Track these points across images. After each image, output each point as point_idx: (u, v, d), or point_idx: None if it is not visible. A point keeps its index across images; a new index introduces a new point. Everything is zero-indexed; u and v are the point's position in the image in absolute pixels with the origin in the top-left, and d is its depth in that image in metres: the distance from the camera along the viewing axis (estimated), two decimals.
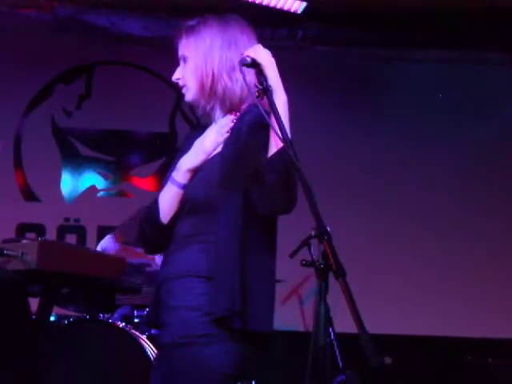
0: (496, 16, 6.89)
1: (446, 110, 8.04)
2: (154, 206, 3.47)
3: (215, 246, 3.31)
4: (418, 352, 7.68)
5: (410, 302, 7.77)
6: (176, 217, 3.42)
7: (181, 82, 3.49)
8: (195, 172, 3.40)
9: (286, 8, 6.72)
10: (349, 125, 7.82)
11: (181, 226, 3.41)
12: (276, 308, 3.36)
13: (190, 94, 3.46)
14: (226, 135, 3.39)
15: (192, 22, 3.47)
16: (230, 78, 3.40)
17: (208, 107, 3.47)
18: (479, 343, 7.79)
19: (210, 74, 3.43)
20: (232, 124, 3.40)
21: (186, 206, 3.39)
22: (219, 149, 3.39)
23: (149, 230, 3.50)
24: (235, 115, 3.42)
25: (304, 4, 6.79)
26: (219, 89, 3.41)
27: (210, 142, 3.41)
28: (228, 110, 3.45)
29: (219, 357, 3.27)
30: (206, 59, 3.44)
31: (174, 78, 3.48)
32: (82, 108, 7.89)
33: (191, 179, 3.38)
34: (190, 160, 3.41)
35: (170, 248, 3.43)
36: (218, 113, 3.46)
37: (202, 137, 3.44)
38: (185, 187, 3.38)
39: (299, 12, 6.77)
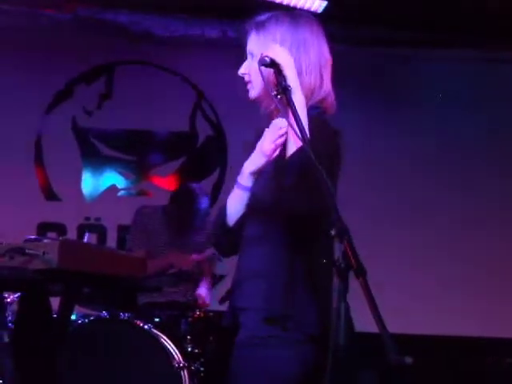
0: None
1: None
2: (223, 210, 3.48)
3: (269, 249, 3.33)
4: (439, 352, 7.67)
5: (433, 301, 7.77)
6: (243, 219, 3.43)
7: (246, 78, 3.44)
8: (258, 174, 3.38)
9: (306, 7, 6.73)
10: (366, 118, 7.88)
11: (248, 228, 3.41)
12: None
13: (254, 92, 3.42)
14: (282, 136, 3.36)
15: (263, 17, 3.42)
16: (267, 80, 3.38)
17: (272, 106, 3.44)
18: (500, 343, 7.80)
19: (264, 76, 3.39)
20: (282, 124, 3.37)
21: (252, 208, 3.40)
22: (277, 152, 3.37)
23: (219, 233, 3.51)
24: (287, 118, 3.40)
25: (324, 3, 6.80)
26: (271, 89, 3.38)
27: (268, 144, 3.38)
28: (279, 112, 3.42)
29: (281, 358, 3.31)
30: (269, 59, 3.41)
31: (240, 72, 3.44)
32: (103, 108, 7.89)
33: (255, 182, 3.38)
34: (252, 163, 3.39)
35: (240, 250, 3.45)
36: (274, 116, 3.44)
37: (262, 139, 3.42)
38: (249, 190, 3.39)
39: (319, 11, 6.79)
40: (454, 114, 8.02)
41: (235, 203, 3.42)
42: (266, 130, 3.40)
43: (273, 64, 3.23)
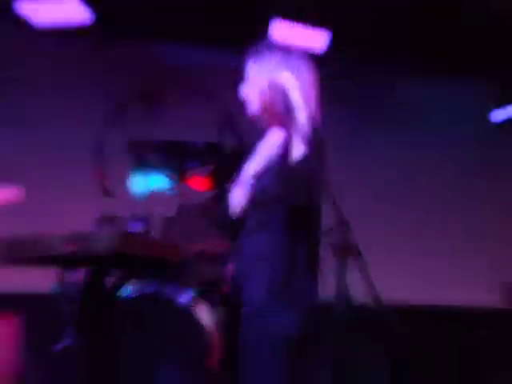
0: None
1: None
2: (227, 202, 3.59)
3: (272, 234, 3.41)
4: (433, 322, 7.56)
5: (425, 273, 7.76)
6: (244, 211, 3.51)
7: (246, 98, 3.54)
8: (257, 176, 3.48)
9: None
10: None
11: (248, 219, 3.50)
12: None
13: (252, 109, 3.54)
14: (276, 146, 3.46)
15: (259, 47, 3.54)
16: (274, 97, 3.46)
17: (265, 120, 3.55)
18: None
19: (262, 96, 3.50)
20: (278, 137, 3.48)
21: (252, 203, 3.47)
22: (275, 158, 3.47)
23: (223, 222, 3.60)
24: (285, 129, 3.51)
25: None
26: (272, 107, 3.48)
27: (266, 151, 3.49)
28: (278, 123, 3.53)
29: (283, 323, 3.40)
30: (260, 84, 3.51)
31: (242, 93, 3.55)
32: (150, 123, 7.97)
33: (254, 182, 3.46)
34: (253, 166, 3.50)
35: (241, 237, 3.54)
36: (271, 125, 3.55)
37: (261, 146, 3.53)
38: (249, 188, 3.46)
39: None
40: None
41: (237, 197, 3.55)
42: (264, 139, 3.50)
43: (280, 86, 3.34)
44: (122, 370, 5.41)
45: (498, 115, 8.85)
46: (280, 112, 3.47)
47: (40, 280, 5.43)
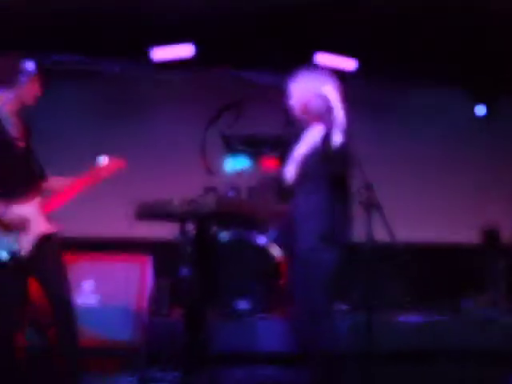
0: None
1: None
2: (283, 175, 3.64)
3: (318, 196, 3.43)
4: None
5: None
6: (295, 181, 3.57)
7: (292, 107, 3.53)
8: (304, 156, 3.49)
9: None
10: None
11: (298, 186, 3.56)
12: None
13: (297, 113, 3.56)
14: (318, 136, 3.47)
15: (294, 74, 3.64)
16: (314, 104, 3.49)
17: (305, 119, 3.57)
18: None
19: (302, 103, 3.52)
20: (318, 129, 3.49)
21: (301, 174, 3.53)
22: (316, 142, 3.48)
23: (281, 188, 3.68)
24: (320, 123, 3.55)
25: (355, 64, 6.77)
26: (309, 109, 3.52)
27: (310, 139, 3.50)
28: (315, 121, 3.55)
29: (328, 258, 3.42)
30: (300, 94, 3.52)
31: (290, 104, 3.53)
32: (236, 123, 7.93)
33: (302, 159, 3.51)
34: (300, 149, 3.54)
35: (294, 198, 3.57)
36: (310, 122, 3.57)
37: (305, 136, 3.54)
38: (299, 164, 3.48)
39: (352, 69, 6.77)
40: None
41: (291, 171, 3.57)
42: (308, 130, 3.51)
43: (325, 96, 3.34)
44: (221, 289, 5.48)
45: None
46: (321, 113, 3.49)
47: (165, 230, 5.53)
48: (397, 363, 5.00)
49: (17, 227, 3.71)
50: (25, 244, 3.73)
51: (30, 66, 3.67)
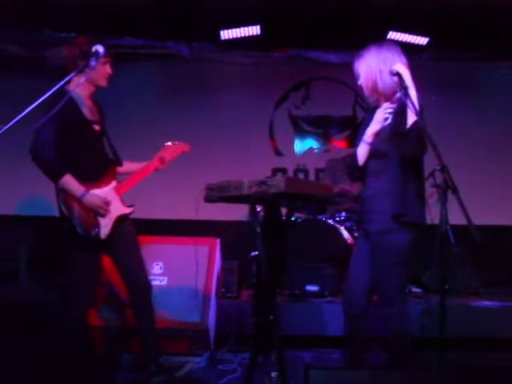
0: None
1: None
2: (354, 156, 3.54)
3: (391, 176, 3.35)
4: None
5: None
6: (367, 161, 3.45)
7: (361, 87, 3.51)
8: (375, 136, 3.44)
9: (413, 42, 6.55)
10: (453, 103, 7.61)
11: (370, 166, 3.47)
12: None
13: (366, 92, 3.50)
14: (388, 114, 3.41)
15: (360, 52, 3.50)
16: (384, 82, 3.39)
17: (375, 98, 3.50)
18: None
19: (371, 82, 3.44)
20: (389, 107, 3.42)
21: (372, 154, 3.43)
22: (388, 121, 3.42)
23: (352, 169, 3.56)
24: (391, 102, 3.42)
25: (427, 39, 6.59)
26: (379, 88, 3.41)
27: (381, 117, 3.43)
28: (386, 100, 3.47)
29: (401, 239, 3.36)
30: (369, 74, 3.45)
31: (359, 83, 3.49)
32: (305, 104, 7.92)
33: (374, 139, 3.43)
34: (372, 128, 3.45)
35: (366, 179, 3.48)
36: (381, 101, 3.48)
37: (376, 115, 3.48)
38: (370, 144, 3.42)
39: (424, 44, 6.59)
40: None
41: (362, 151, 3.47)
42: (378, 110, 3.44)
43: (397, 74, 3.28)
44: (291, 271, 5.46)
45: None
46: (392, 91, 3.41)
47: (234, 212, 5.51)
48: (469, 349, 4.86)
49: (97, 210, 3.77)
50: (103, 226, 3.80)
51: (99, 49, 3.66)
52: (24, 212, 7.41)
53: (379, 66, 3.42)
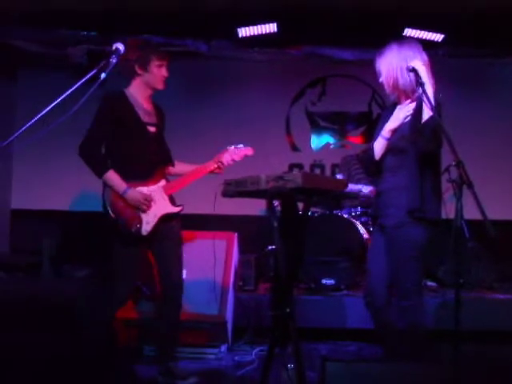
0: None
1: None
2: (371, 150, 3.53)
3: (407, 171, 3.34)
4: None
5: None
6: (383, 156, 3.44)
7: (381, 84, 3.50)
8: (394, 132, 3.44)
9: (428, 38, 6.51)
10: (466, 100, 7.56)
11: (387, 161, 3.47)
12: None
13: (387, 90, 3.50)
14: (410, 112, 3.41)
15: (382, 49, 3.49)
16: (404, 79, 3.38)
17: (396, 95, 3.49)
18: None
19: (393, 79, 3.43)
20: (410, 105, 3.42)
21: (390, 150, 3.44)
22: (407, 119, 3.41)
23: (368, 163, 3.57)
24: (411, 100, 3.42)
25: (442, 36, 6.55)
26: (400, 86, 3.41)
27: (402, 115, 3.43)
28: (406, 97, 3.46)
29: (417, 234, 3.36)
30: (390, 71, 3.44)
31: (380, 81, 3.49)
32: (321, 100, 7.91)
33: (392, 135, 3.43)
34: (390, 125, 3.45)
35: (382, 174, 3.49)
36: (402, 99, 3.48)
37: (396, 112, 3.47)
38: (388, 140, 3.42)
39: (440, 40, 6.55)
40: None
41: (379, 146, 3.48)
42: (399, 106, 3.44)
43: (414, 70, 3.28)
44: (308, 264, 5.46)
45: None
46: (410, 88, 3.40)
47: (251, 206, 5.52)
48: (484, 342, 4.85)
49: (139, 206, 3.80)
50: (145, 222, 3.83)
51: (120, 46, 3.64)
52: (48, 206, 7.49)
53: (400, 64, 3.40)
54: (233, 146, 4.15)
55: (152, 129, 3.95)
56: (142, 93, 3.92)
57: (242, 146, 4.17)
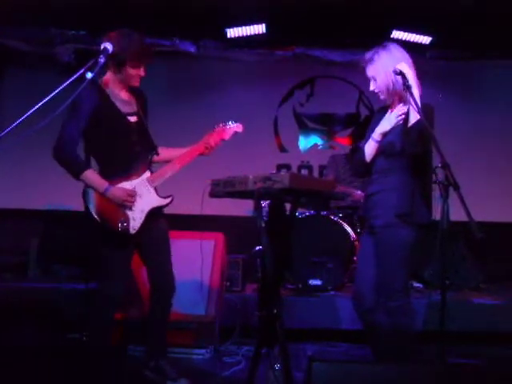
0: None
1: None
2: (361, 152, 3.53)
3: (398, 174, 3.37)
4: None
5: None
6: (374, 158, 3.48)
7: (376, 91, 3.49)
8: (384, 135, 3.43)
9: (416, 40, 6.53)
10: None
11: (377, 163, 3.46)
12: None
13: (382, 95, 3.49)
14: (402, 116, 3.40)
15: (369, 55, 3.45)
16: (399, 83, 3.38)
17: (391, 100, 3.48)
18: None
19: (388, 84, 3.43)
20: (404, 110, 3.41)
21: (380, 152, 3.42)
22: (400, 123, 3.40)
23: (358, 165, 3.55)
24: (404, 104, 3.41)
25: (430, 38, 6.58)
26: (397, 89, 3.43)
27: (394, 119, 3.42)
28: (400, 100, 3.46)
29: (405, 235, 3.35)
30: (384, 76, 3.42)
31: (371, 89, 3.51)
32: (309, 101, 7.91)
33: (382, 138, 3.42)
34: (382, 128, 3.45)
35: (372, 176, 3.50)
36: (395, 103, 3.47)
37: (389, 115, 3.46)
38: (378, 142, 3.41)
39: (427, 43, 6.57)
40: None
41: (370, 149, 3.48)
42: (393, 111, 3.43)
43: (401, 73, 3.27)
44: (295, 265, 5.46)
45: None
46: (399, 91, 3.39)
47: (238, 207, 5.49)
48: (469, 344, 4.86)
49: (123, 203, 3.61)
50: (132, 219, 3.64)
51: (108, 46, 3.47)
52: (32, 206, 7.42)
53: (387, 68, 3.38)
54: (221, 124, 3.98)
55: (133, 118, 3.72)
56: (117, 88, 3.71)
57: (231, 122, 4.00)
